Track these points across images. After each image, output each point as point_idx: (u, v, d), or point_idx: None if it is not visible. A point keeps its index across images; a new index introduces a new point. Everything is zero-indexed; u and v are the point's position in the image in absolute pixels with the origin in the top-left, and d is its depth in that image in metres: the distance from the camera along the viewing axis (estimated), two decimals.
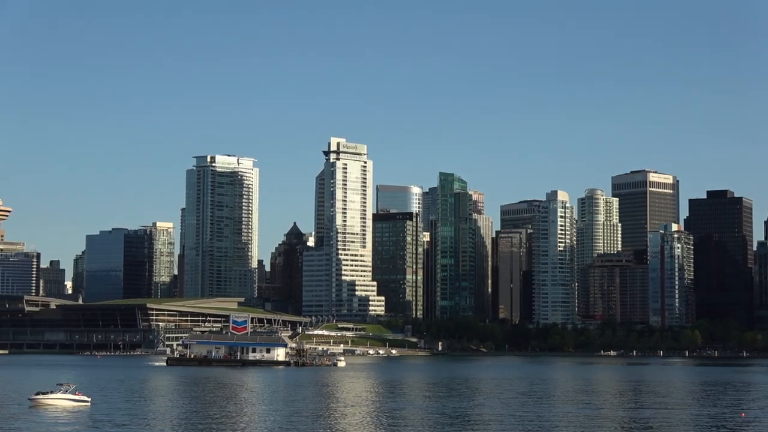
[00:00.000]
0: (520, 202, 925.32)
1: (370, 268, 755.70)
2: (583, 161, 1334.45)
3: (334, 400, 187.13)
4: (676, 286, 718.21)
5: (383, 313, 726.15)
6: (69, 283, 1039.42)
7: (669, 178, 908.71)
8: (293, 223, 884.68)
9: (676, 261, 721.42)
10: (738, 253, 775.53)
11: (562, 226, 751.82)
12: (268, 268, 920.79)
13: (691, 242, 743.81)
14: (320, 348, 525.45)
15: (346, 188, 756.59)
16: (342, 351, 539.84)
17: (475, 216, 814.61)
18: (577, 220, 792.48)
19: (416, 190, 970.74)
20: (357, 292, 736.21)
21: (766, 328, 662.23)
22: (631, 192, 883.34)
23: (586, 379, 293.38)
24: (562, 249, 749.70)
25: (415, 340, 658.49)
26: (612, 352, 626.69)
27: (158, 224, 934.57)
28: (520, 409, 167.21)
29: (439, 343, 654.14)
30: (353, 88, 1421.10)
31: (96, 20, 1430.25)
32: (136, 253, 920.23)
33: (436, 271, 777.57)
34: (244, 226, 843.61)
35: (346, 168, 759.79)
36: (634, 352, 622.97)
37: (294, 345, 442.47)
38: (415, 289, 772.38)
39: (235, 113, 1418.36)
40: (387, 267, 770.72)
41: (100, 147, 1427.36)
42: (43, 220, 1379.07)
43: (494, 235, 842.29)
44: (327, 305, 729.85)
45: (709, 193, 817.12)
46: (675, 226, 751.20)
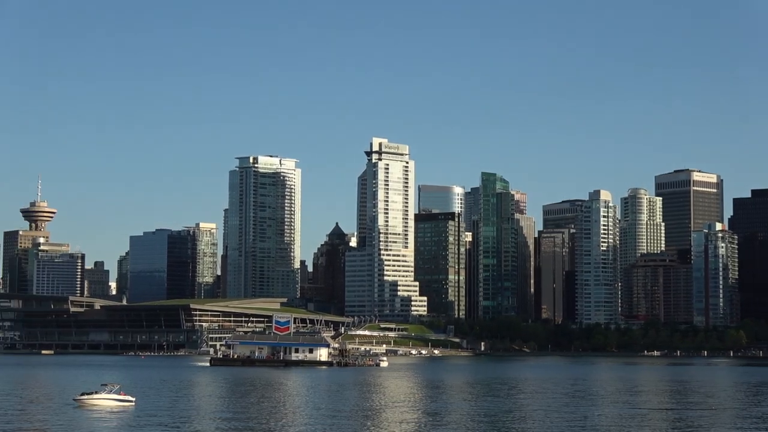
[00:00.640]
0: (563, 202, 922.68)
1: (413, 269, 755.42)
2: (626, 160, 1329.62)
3: (377, 400, 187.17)
4: (721, 286, 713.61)
5: (425, 313, 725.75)
6: (113, 284, 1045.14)
7: (713, 177, 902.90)
8: (335, 224, 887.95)
9: (720, 260, 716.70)
10: None
11: (604, 225, 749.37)
12: (310, 269, 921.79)
13: (736, 241, 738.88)
14: (363, 348, 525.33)
15: (388, 188, 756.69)
16: (384, 351, 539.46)
17: (518, 216, 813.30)
18: (620, 220, 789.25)
19: (458, 190, 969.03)
20: (399, 293, 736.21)
21: None
22: (675, 191, 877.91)
23: (630, 379, 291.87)
24: (605, 249, 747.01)
25: (457, 340, 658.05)
26: (655, 353, 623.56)
27: (201, 225, 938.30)
28: (565, 409, 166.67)
29: (482, 344, 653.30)
30: (395, 88, 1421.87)
31: (140, 24, 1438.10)
32: (180, 254, 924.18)
33: (479, 271, 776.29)
34: (286, 227, 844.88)
35: (388, 168, 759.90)
36: (678, 353, 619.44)
37: (337, 345, 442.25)
38: (457, 290, 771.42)
39: (277, 114, 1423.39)
40: (429, 267, 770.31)
41: (143, 149, 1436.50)
42: (88, 222, 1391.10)
43: (537, 235, 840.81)
44: (369, 305, 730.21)
45: (754, 192, 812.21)
46: (719, 226, 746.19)
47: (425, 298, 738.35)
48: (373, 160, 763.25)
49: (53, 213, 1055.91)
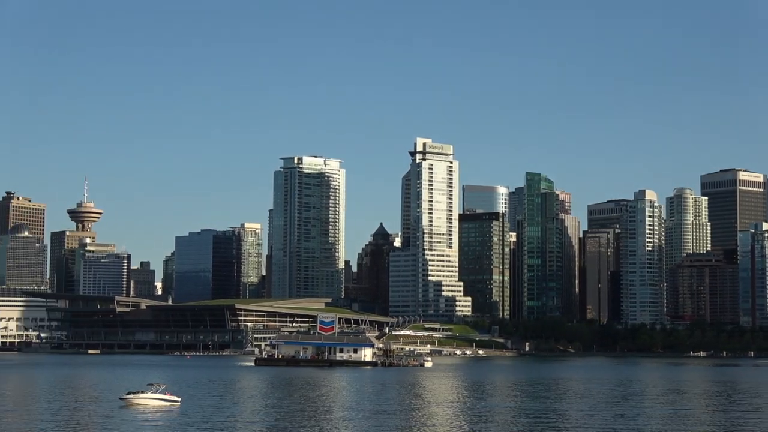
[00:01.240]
0: (608, 202, 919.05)
1: (457, 269, 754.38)
2: (672, 160, 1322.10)
3: (422, 400, 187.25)
4: (767, 286, 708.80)
5: (470, 313, 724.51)
6: (159, 284, 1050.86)
7: (759, 177, 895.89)
8: (380, 224, 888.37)
9: (767, 260, 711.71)
10: None
11: (650, 225, 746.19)
12: (355, 269, 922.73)
13: None
14: (407, 348, 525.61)
15: (432, 188, 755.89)
16: (429, 351, 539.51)
17: (562, 216, 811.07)
18: (665, 220, 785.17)
19: (503, 190, 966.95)
20: (443, 293, 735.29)
21: None
22: (721, 191, 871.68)
23: (676, 380, 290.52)
24: (650, 249, 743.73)
25: (502, 340, 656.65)
26: (701, 353, 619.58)
27: (246, 225, 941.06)
28: (611, 409, 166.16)
29: (526, 344, 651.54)
30: (439, 88, 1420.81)
31: (184, 25, 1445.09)
32: (225, 254, 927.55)
33: (523, 272, 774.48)
34: (331, 227, 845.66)
35: (432, 168, 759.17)
36: (724, 353, 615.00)
37: (381, 345, 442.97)
38: (501, 290, 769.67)
39: (322, 115, 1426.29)
40: (473, 267, 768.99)
41: (188, 150, 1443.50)
42: (134, 222, 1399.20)
43: (581, 235, 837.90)
44: (414, 306, 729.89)
45: None
46: (766, 225, 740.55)
47: (469, 299, 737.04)
48: (418, 161, 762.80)
49: (100, 213, 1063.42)
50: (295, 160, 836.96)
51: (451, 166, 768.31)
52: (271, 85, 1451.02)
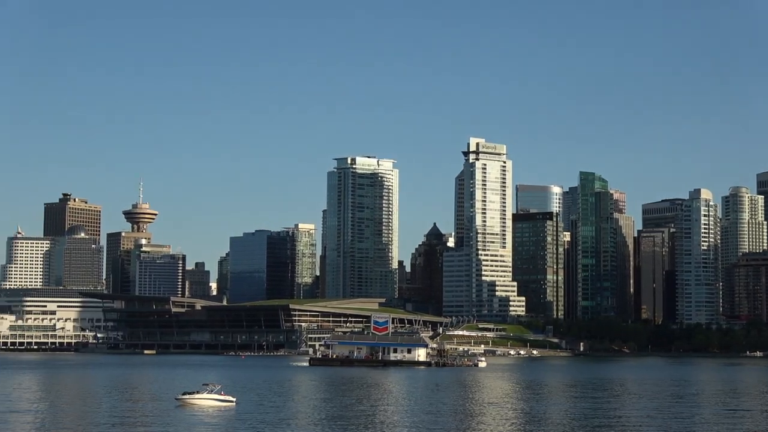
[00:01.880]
0: (662, 201, 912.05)
1: (510, 269, 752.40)
2: (727, 159, 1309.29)
3: (478, 400, 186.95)
4: None
5: (524, 313, 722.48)
6: (214, 285, 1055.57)
7: None
8: (433, 224, 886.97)
9: None
10: None
11: (705, 224, 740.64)
12: (408, 269, 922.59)
13: None
14: (461, 348, 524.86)
15: (485, 188, 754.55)
16: (483, 351, 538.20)
17: (616, 215, 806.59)
18: (721, 219, 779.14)
19: (556, 190, 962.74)
20: (497, 293, 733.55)
21: None
22: None
23: (733, 380, 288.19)
24: (705, 248, 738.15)
25: (556, 340, 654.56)
26: (758, 353, 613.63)
27: (300, 226, 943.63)
28: (668, 410, 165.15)
29: (581, 344, 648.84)
30: (492, 87, 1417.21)
31: (239, 20, 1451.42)
32: (279, 255, 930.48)
33: (577, 271, 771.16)
34: (384, 227, 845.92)
35: (485, 168, 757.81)
36: None
37: (435, 345, 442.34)
38: (555, 290, 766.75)
39: (375, 115, 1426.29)
40: (527, 267, 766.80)
41: (242, 151, 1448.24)
42: (189, 223, 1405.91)
43: (636, 235, 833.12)
44: (467, 306, 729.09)
45: None
46: None
47: (523, 298, 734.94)
48: (471, 160, 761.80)
49: (155, 215, 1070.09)
50: (349, 161, 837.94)
51: (504, 166, 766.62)
52: (325, 84, 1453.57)
